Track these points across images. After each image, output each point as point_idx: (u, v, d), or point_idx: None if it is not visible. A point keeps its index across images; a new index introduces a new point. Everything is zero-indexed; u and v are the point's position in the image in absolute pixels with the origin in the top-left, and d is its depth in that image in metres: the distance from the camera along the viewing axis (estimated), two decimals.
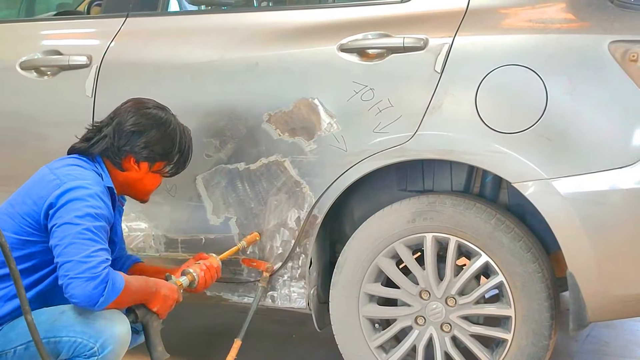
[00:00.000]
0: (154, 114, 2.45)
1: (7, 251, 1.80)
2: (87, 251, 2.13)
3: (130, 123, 2.41)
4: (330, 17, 2.71)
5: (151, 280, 2.34)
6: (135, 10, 2.93)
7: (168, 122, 2.46)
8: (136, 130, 2.41)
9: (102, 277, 2.11)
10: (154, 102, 2.50)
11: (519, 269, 2.46)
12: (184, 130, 2.51)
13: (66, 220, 2.17)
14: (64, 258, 2.14)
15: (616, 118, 2.33)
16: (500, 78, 2.39)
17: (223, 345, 2.73)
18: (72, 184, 2.23)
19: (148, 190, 2.53)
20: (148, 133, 2.41)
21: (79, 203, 2.20)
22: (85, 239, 2.15)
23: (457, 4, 2.50)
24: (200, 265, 2.52)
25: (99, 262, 2.12)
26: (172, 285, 2.40)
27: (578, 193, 2.33)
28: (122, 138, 2.41)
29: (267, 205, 2.69)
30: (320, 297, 2.79)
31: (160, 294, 2.33)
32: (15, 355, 2.22)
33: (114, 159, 2.42)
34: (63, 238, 2.16)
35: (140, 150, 2.41)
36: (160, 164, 2.47)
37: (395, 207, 2.60)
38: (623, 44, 2.29)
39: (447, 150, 2.45)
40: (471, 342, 2.57)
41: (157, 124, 2.43)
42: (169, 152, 2.46)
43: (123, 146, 2.41)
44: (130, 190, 2.50)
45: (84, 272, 2.10)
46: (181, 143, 2.48)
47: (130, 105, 2.47)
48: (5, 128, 3.05)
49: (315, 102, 2.59)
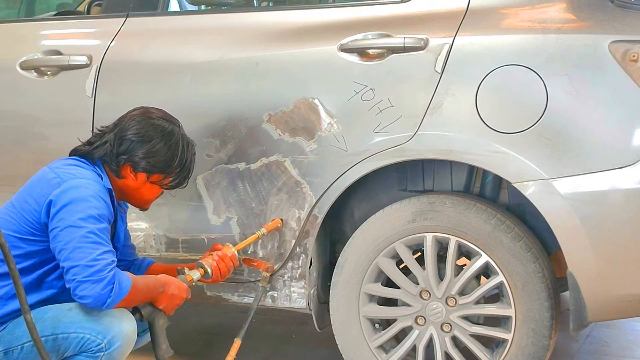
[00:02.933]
0: (158, 124, 2.40)
1: (7, 251, 1.80)
2: (93, 254, 2.14)
3: (132, 132, 2.38)
4: (330, 17, 2.71)
5: (160, 279, 2.35)
6: (135, 10, 2.93)
7: (171, 134, 2.41)
8: (137, 139, 2.37)
9: (108, 279, 2.13)
10: (162, 113, 2.46)
11: (520, 269, 2.46)
12: (187, 144, 2.45)
13: (69, 222, 2.17)
14: (71, 263, 2.15)
15: (616, 118, 2.33)
16: (500, 78, 2.39)
17: (223, 345, 2.73)
18: (73, 182, 2.23)
19: (146, 200, 2.49)
20: (148, 144, 2.37)
21: (81, 204, 2.19)
22: (90, 242, 2.16)
23: (458, 4, 2.50)
24: (213, 257, 2.52)
25: (105, 264, 2.14)
26: (181, 284, 2.39)
27: (578, 193, 2.33)
28: (122, 145, 2.38)
29: (268, 205, 2.69)
30: (320, 297, 2.79)
31: (168, 293, 2.33)
32: (23, 352, 2.22)
33: (111, 165, 2.39)
34: (68, 242, 2.16)
35: (138, 160, 2.38)
36: (158, 176, 2.42)
37: (395, 207, 2.60)
38: (623, 44, 2.29)
39: (447, 150, 2.46)
40: (471, 342, 2.57)
41: (159, 135, 2.39)
42: (168, 166, 2.41)
43: (122, 154, 2.38)
44: (127, 198, 2.48)
45: (91, 276, 2.12)
46: (182, 158, 2.42)
47: (136, 113, 2.43)
48: (5, 128, 3.05)
49: (316, 102, 2.59)
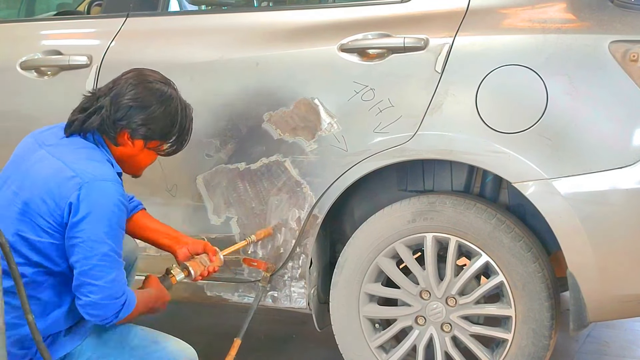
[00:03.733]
0: (156, 88, 2.27)
1: (7, 250, 1.79)
2: (111, 275, 2.13)
3: (129, 96, 2.24)
4: (330, 17, 2.71)
5: (152, 295, 2.32)
6: (135, 10, 2.93)
7: (170, 99, 2.28)
8: (134, 105, 2.23)
9: (119, 302, 2.14)
10: (158, 75, 2.33)
11: (520, 268, 2.46)
12: (185, 108, 2.34)
13: (91, 236, 2.11)
14: (88, 279, 2.12)
15: (616, 118, 2.34)
16: (500, 78, 2.39)
17: (223, 345, 2.73)
18: (94, 186, 2.13)
19: (141, 166, 2.39)
20: (147, 109, 2.24)
21: (104, 215, 2.12)
22: (110, 262, 2.13)
23: (458, 4, 2.50)
24: (202, 270, 2.45)
25: (120, 287, 2.15)
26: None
27: (578, 193, 2.33)
28: (119, 111, 2.23)
29: (268, 205, 2.69)
30: (321, 297, 2.79)
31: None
32: None
33: (108, 132, 2.25)
34: (87, 257, 2.11)
35: (137, 127, 2.24)
36: (156, 142, 2.31)
37: (395, 207, 2.60)
38: (623, 44, 2.29)
39: (447, 150, 2.46)
40: (471, 342, 2.57)
41: (158, 100, 2.26)
42: (167, 132, 2.30)
43: (119, 120, 2.23)
44: (122, 165, 2.34)
45: (106, 299, 2.12)
46: (181, 123, 2.31)
47: (131, 75, 2.29)
48: (5, 128, 3.04)
49: (316, 102, 2.59)
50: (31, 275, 2.16)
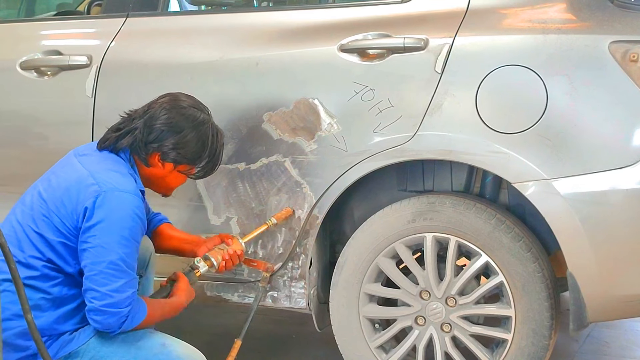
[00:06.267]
0: (189, 114, 2.34)
1: (7, 250, 1.79)
2: (116, 284, 2.15)
3: (162, 120, 2.31)
4: (330, 17, 2.71)
5: (174, 304, 2.35)
6: (135, 10, 2.93)
7: (202, 125, 2.35)
8: (167, 129, 2.31)
9: (123, 313, 2.16)
10: (192, 100, 2.40)
11: (519, 269, 2.46)
12: (217, 133, 2.40)
13: (101, 242, 2.15)
14: (93, 285, 2.15)
15: (616, 118, 2.34)
16: (500, 78, 2.40)
17: (223, 345, 2.73)
18: (112, 196, 2.17)
19: (171, 187, 2.45)
20: (179, 134, 2.31)
21: (117, 224, 2.16)
22: (116, 270, 2.15)
23: (458, 4, 2.50)
24: (223, 253, 2.50)
25: (124, 298, 2.16)
26: (190, 294, 2.41)
27: (578, 193, 2.33)
28: (152, 134, 2.31)
29: (268, 205, 2.69)
30: (320, 297, 2.79)
31: (181, 308, 2.37)
32: None
33: (140, 153, 2.33)
34: (95, 263, 2.15)
35: (168, 151, 2.32)
36: (186, 166, 2.38)
37: (395, 207, 2.60)
38: (623, 44, 2.29)
39: (447, 151, 2.46)
40: (471, 342, 2.57)
41: (190, 125, 2.33)
42: (198, 157, 2.37)
43: (151, 142, 2.31)
44: (152, 185, 2.42)
45: (108, 307, 2.14)
46: (212, 149, 2.37)
47: (166, 100, 2.37)
48: (5, 128, 3.05)
49: (316, 102, 2.59)
50: (42, 268, 2.22)
